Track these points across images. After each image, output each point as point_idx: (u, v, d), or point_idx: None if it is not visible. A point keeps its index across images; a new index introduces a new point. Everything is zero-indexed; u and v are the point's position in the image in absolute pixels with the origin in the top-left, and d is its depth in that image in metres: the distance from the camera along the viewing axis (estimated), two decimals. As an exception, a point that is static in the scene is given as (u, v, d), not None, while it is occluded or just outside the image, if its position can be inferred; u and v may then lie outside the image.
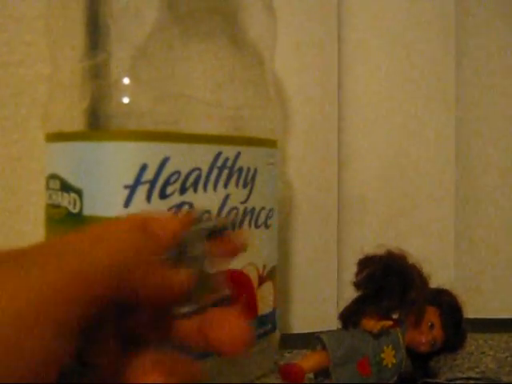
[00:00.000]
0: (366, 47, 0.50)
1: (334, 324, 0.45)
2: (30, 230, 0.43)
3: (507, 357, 0.44)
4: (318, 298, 0.49)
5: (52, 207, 0.34)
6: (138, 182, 0.31)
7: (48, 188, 0.35)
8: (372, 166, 0.50)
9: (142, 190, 0.31)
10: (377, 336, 0.36)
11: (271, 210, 0.38)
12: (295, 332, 0.48)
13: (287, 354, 0.45)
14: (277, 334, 0.40)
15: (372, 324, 0.36)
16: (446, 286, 0.50)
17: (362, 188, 0.51)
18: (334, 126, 0.48)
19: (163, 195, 0.32)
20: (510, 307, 0.52)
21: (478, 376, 0.40)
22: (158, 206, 0.32)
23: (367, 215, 0.51)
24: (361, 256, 0.39)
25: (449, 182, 0.52)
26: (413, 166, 0.51)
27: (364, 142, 0.50)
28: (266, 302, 0.38)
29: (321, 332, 0.37)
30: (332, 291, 0.49)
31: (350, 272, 0.39)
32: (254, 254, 0.37)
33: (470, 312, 0.51)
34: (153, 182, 0.31)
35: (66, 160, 0.33)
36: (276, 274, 0.39)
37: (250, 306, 0.37)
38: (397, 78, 0.51)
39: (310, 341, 0.37)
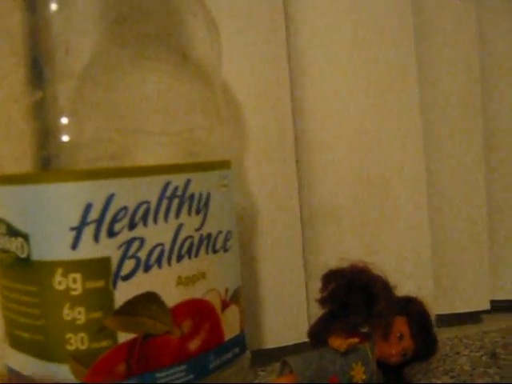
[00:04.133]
0: (318, 52, 0.49)
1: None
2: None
3: (482, 355, 0.44)
4: (288, 311, 0.48)
5: (1, 252, 0.33)
6: (83, 222, 0.30)
7: (-4, 232, 0.34)
8: (336, 179, 0.49)
9: (88, 231, 0.30)
10: (344, 354, 0.36)
11: (229, 232, 0.37)
12: (268, 347, 0.47)
13: (261, 373, 0.44)
14: (247, 356, 0.40)
15: (338, 343, 0.35)
16: (425, 290, 0.50)
17: (330, 200, 0.50)
18: (290, 136, 0.47)
19: (111, 233, 0.31)
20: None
21: (452, 381, 0.40)
22: (107, 245, 0.31)
23: (334, 226, 0.50)
24: (324, 271, 0.38)
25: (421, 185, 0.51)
26: (381, 178, 0.50)
27: (325, 154, 0.49)
28: (231, 327, 0.37)
29: (288, 356, 0.36)
30: (301, 302, 0.49)
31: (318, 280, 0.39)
32: (214, 279, 0.36)
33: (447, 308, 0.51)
34: (99, 221, 0.31)
35: (10, 204, 0.32)
36: (240, 296, 0.39)
37: (216, 334, 0.36)
38: (356, 81, 0.50)
39: (278, 365, 0.37)
